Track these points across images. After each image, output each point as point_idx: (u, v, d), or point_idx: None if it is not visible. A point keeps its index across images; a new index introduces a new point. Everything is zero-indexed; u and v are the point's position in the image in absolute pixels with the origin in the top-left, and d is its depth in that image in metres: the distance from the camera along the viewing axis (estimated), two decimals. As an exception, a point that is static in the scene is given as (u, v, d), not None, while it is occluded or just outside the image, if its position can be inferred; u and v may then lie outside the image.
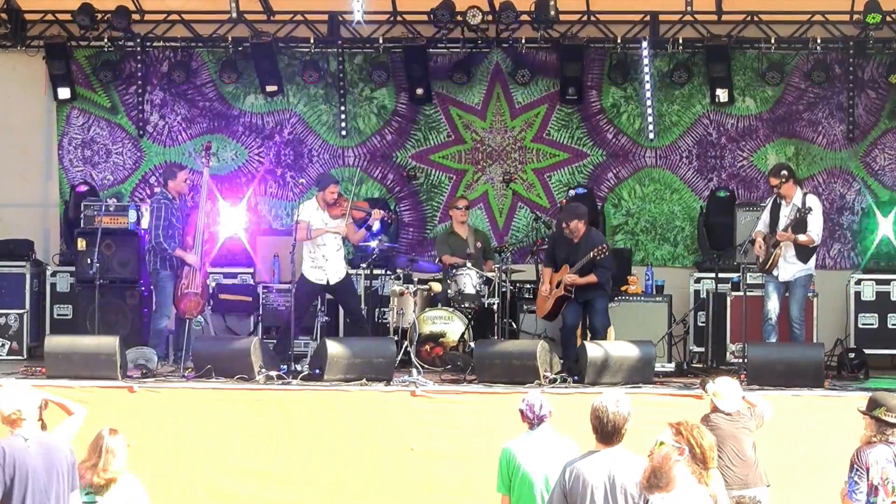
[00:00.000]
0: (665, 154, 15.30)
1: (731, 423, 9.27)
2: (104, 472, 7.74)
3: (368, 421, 11.10)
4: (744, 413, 9.38)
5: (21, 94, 15.58)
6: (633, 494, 6.52)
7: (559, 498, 6.64)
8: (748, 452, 9.26)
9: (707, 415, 9.32)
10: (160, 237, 12.78)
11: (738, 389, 9.45)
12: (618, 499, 6.52)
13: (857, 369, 12.61)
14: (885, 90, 14.93)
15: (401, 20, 15.22)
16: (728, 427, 9.25)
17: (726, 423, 9.26)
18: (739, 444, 9.24)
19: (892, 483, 7.53)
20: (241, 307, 14.47)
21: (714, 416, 9.30)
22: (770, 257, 12.39)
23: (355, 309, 13.22)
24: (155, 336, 12.92)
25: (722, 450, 9.23)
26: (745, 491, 9.20)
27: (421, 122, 15.48)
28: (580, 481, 6.59)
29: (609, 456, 6.67)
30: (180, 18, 15.37)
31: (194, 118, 15.57)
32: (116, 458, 7.78)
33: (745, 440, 9.27)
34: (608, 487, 6.54)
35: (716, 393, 9.35)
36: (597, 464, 6.63)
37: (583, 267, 12.54)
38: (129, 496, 7.85)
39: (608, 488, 6.54)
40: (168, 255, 12.83)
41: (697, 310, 14.11)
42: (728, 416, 9.29)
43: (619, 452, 6.72)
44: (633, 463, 6.64)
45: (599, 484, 6.55)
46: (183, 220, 12.98)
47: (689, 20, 14.89)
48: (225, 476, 11.09)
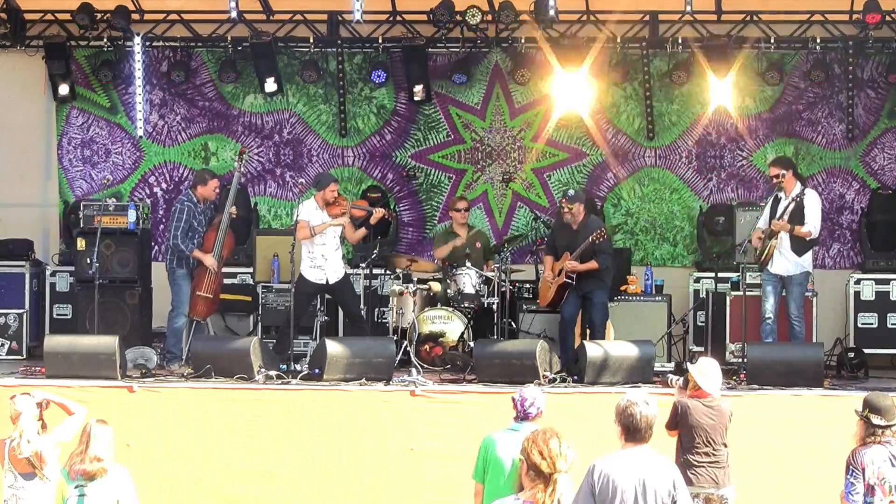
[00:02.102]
0: (665, 154, 15.31)
1: (712, 413, 9.06)
2: (92, 460, 7.80)
3: (368, 421, 11.11)
4: (724, 407, 9.17)
5: (20, 93, 15.57)
6: (664, 497, 6.52)
7: (586, 497, 6.58)
8: (723, 451, 9.10)
9: (685, 403, 9.07)
10: (178, 238, 12.80)
11: (720, 372, 9.30)
12: (647, 498, 6.52)
13: (856, 369, 12.62)
14: (885, 90, 14.93)
15: (400, 20, 15.21)
16: (707, 419, 9.04)
17: (707, 414, 9.05)
18: (717, 440, 9.07)
19: (888, 483, 7.54)
20: (240, 307, 14.48)
21: (694, 403, 9.09)
22: (765, 249, 12.38)
23: (354, 309, 13.21)
24: (172, 335, 12.91)
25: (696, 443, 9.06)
26: (715, 490, 9.07)
27: (420, 122, 15.48)
28: (609, 482, 6.55)
29: (638, 456, 6.67)
30: (180, 18, 15.36)
31: (194, 118, 15.57)
32: (101, 444, 7.87)
33: (721, 437, 9.10)
34: (638, 491, 6.53)
35: (700, 372, 9.16)
36: (627, 464, 6.62)
37: (583, 253, 12.55)
38: (117, 487, 7.92)
39: (638, 492, 6.53)
40: (185, 256, 12.87)
41: (697, 309, 14.12)
42: (710, 408, 9.08)
43: (647, 452, 6.71)
44: (662, 464, 6.66)
45: (629, 486, 6.54)
46: (206, 223, 13.02)
47: (689, 20, 14.88)
48: (224, 476, 11.10)
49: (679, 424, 9.11)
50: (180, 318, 12.94)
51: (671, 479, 6.63)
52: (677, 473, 6.70)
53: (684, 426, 9.08)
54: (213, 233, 13.02)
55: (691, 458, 9.02)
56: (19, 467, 8.38)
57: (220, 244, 13.02)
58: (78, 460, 7.90)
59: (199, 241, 12.96)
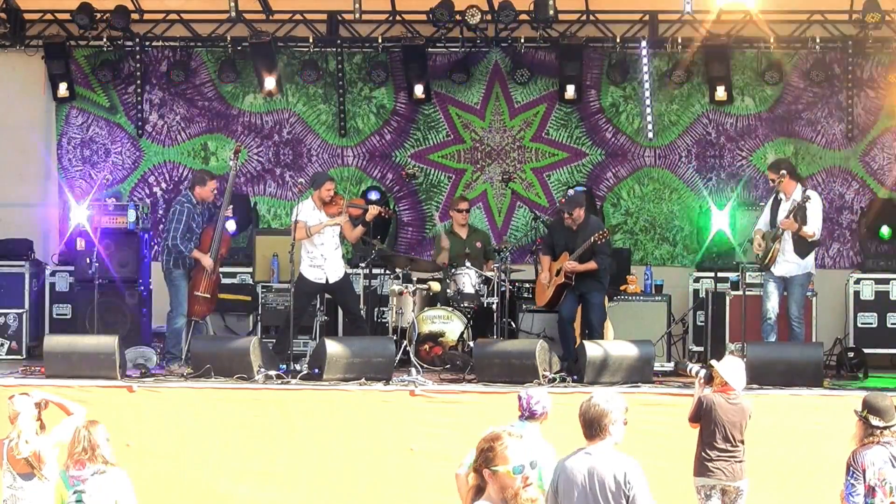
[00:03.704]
0: (664, 154, 15.31)
1: (735, 410, 9.31)
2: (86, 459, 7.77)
3: (368, 421, 11.10)
4: (745, 404, 9.40)
5: (20, 93, 15.58)
6: (612, 489, 6.47)
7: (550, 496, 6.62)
8: (741, 447, 9.31)
9: (711, 398, 9.32)
10: (177, 239, 12.79)
11: (744, 369, 9.51)
12: (597, 494, 6.48)
13: (856, 369, 12.62)
14: (885, 89, 14.93)
15: (400, 20, 15.22)
16: (730, 416, 9.28)
17: (730, 409, 9.30)
18: (737, 436, 9.28)
19: (889, 484, 7.53)
20: (240, 307, 14.47)
21: (719, 399, 9.31)
22: (769, 252, 12.39)
23: (354, 308, 13.20)
24: (172, 336, 12.89)
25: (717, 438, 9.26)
26: (731, 482, 9.35)
27: (420, 122, 15.48)
28: (565, 478, 6.57)
29: (592, 452, 6.63)
30: (179, 18, 15.37)
31: (193, 118, 15.58)
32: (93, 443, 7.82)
33: (741, 433, 9.32)
34: (587, 483, 6.50)
35: (729, 369, 9.40)
36: (580, 460, 6.61)
37: (583, 254, 12.55)
38: (116, 489, 7.86)
39: (587, 484, 6.50)
40: (184, 257, 12.86)
41: (696, 309, 14.11)
42: (733, 405, 9.31)
43: (604, 449, 6.62)
44: (617, 459, 6.57)
45: (579, 481, 6.53)
46: (203, 224, 13.01)
47: (689, 19, 14.88)
48: (224, 476, 11.09)
49: (702, 418, 9.40)
50: (179, 318, 12.93)
51: (623, 472, 6.48)
52: (632, 469, 6.51)
53: (707, 420, 9.38)
54: (209, 232, 13.00)
55: (711, 452, 9.33)
56: (18, 467, 8.38)
57: (217, 243, 13.00)
58: (71, 463, 7.84)
59: (197, 241, 12.95)
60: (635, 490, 6.45)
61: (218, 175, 13.88)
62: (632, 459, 6.58)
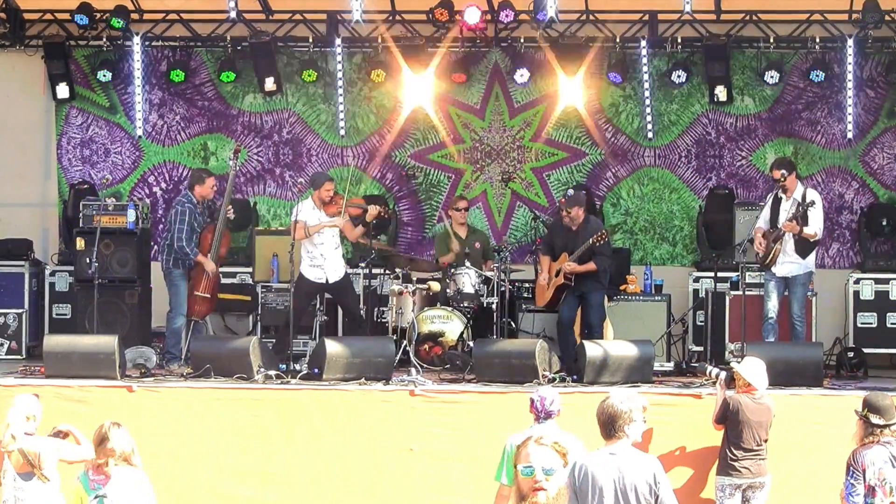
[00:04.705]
0: (664, 153, 15.31)
1: (760, 410, 9.47)
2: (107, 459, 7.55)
3: (367, 421, 11.10)
4: (769, 404, 9.54)
5: (20, 93, 15.57)
6: (643, 490, 6.50)
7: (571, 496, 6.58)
8: (764, 445, 9.49)
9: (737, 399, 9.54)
10: (183, 241, 12.77)
11: (765, 369, 9.64)
12: (628, 495, 6.50)
13: (855, 368, 12.63)
14: (884, 89, 14.93)
15: (399, 20, 15.21)
16: (756, 416, 9.44)
17: (756, 408, 9.46)
18: (762, 435, 9.46)
19: (889, 483, 7.54)
20: (239, 306, 14.47)
21: (745, 400, 9.45)
22: (770, 252, 12.38)
23: (354, 308, 13.21)
24: (171, 336, 12.89)
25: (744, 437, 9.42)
26: (758, 479, 9.68)
27: (420, 122, 15.47)
28: (588, 478, 6.55)
29: (616, 451, 6.65)
30: (179, 18, 15.36)
31: (193, 117, 15.57)
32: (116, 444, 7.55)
33: (766, 432, 9.49)
34: (618, 487, 6.52)
35: (751, 370, 9.54)
36: (605, 460, 6.60)
37: (582, 254, 12.55)
38: (137, 493, 7.62)
39: (618, 487, 6.52)
40: (188, 258, 12.84)
41: (696, 309, 14.12)
42: (758, 405, 9.46)
43: (626, 449, 6.67)
44: (643, 460, 6.63)
45: (608, 482, 6.53)
46: (203, 223, 13.01)
47: (688, 19, 14.87)
48: (224, 475, 11.08)
49: (728, 419, 9.66)
50: (179, 318, 12.93)
51: (651, 472, 6.55)
52: (659, 469, 6.60)
53: (734, 421, 9.65)
54: (209, 232, 12.99)
55: (737, 452, 9.63)
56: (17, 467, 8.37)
57: (217, 243, 13.00)
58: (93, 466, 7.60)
59: (197, 241, 12.95)
60: (662, 489, 6.54)
61: (218, 175, 13.90)
62: (655, 458, 6.72)
